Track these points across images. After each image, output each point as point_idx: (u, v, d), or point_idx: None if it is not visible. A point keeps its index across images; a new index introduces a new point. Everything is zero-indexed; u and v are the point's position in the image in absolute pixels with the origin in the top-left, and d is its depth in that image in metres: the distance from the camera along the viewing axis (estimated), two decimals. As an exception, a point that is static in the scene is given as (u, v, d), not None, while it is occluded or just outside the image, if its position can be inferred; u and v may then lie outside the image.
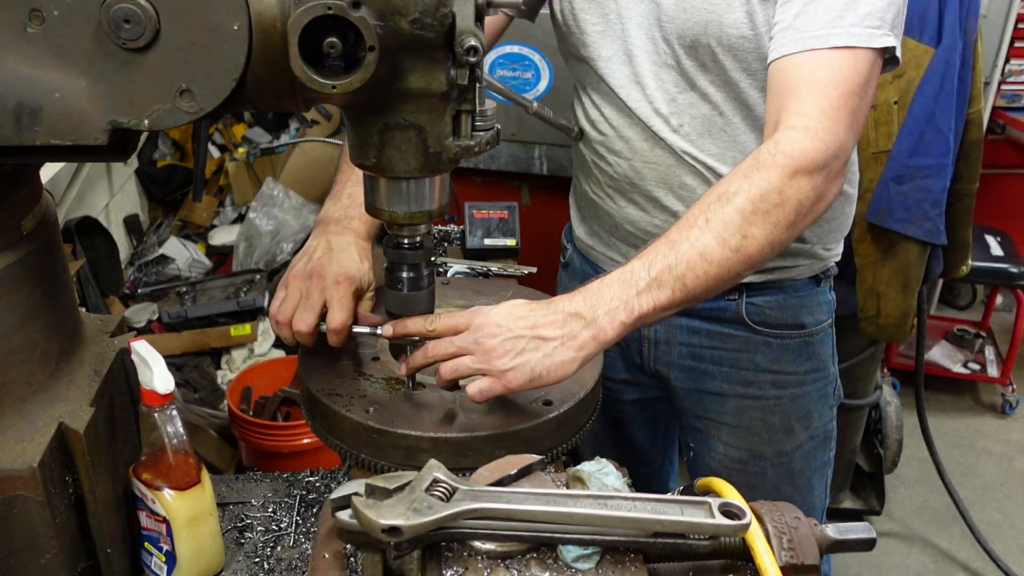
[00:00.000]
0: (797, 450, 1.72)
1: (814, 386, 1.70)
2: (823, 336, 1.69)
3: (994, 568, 3.11)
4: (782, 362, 1.66)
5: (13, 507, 0.95)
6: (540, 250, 3.05)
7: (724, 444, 1.73)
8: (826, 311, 1.69)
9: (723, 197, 1.18)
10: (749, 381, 1.67)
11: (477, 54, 0.92)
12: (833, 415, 1.77)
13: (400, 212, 1.10)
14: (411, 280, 1.17)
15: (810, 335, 1.66)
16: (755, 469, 1.73)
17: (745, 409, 1.69)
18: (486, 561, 0.95)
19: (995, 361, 4.09)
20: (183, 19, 0.84)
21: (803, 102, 1.23)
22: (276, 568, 1.22)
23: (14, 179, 0.98)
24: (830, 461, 1.81)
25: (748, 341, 1.65)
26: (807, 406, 1.70)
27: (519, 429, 1.19)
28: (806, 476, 1.76)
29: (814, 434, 1.73)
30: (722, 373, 1.68)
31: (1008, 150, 4.32)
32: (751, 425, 1.70)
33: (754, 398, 1.68)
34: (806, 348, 1.67)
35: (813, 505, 1.80)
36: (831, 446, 1.79)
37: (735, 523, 0.94)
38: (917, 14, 2.51)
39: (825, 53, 1.23)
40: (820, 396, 1.71)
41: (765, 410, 1.68)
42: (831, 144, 1.21)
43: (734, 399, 1.69)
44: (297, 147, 4.05)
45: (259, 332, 3.31)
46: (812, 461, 1.75)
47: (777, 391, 1.67)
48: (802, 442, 1.72)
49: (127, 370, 1.15)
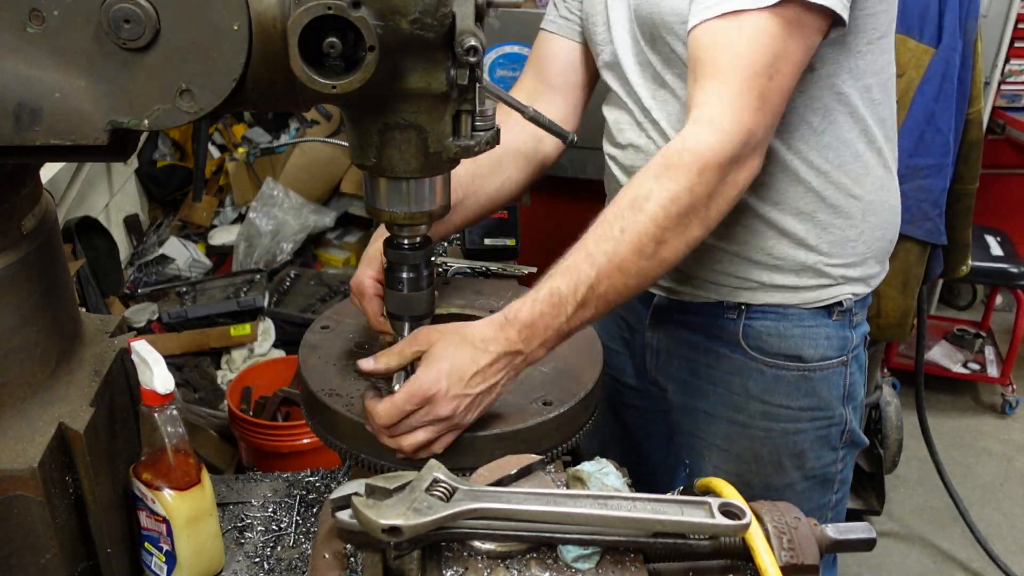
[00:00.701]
0: (788, 488, 1.60)
1: (811, 424, 1.56)
2: (828, 374, 1.53)
3: (994, 568, 3.10)
4: (774, 393, 1.54)
5: (13, 507, 0.95)
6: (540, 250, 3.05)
7: (714, 467, 1.64)
8: (836, 347, 1.52)
9: (635, 203, 1.16)
10: (740, 407, 1.57)
11: (477, 54, 0.92)
12: (839, 458, 1.61)
13: (400, 212, 1.09)
14: (411, 280, 1.17)
15: (810, 370, 1.52)
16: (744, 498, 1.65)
17: (735, 436, 1.60)
18: (486, 561, 0.95)
19: (995, 361, 4.09)
20: (183, 19, 0.84)
21: (705, 88, 1.19)
22: (276, 568, 1.22)
23: (14, 179, 0.98)
24: (831, 504, 1.66)
25: (742, 365, 1.55)
26: (800, 445, 1.57)
27: (519, 429, 1.19)
28: None
29: (808, 474, 1.60)
30: (715, 393, 1.60)
31: (1008, 150, 4.32)
32: (740, 453, 1.60)
33: (743, 425, 1.58)
34: (804, 384, 1.53)
35: None
36: (834, 489, 1.64)
37: (735, 523, 0.94)
38: (917, 14, 2.51)
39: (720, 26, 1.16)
40: (818, 437, 1.57)
41: (754, 440, 1.58)
42: (736, 134, 1.17)
43: (725, 423, 1.60)
44: (297, 147, 4.05)
45: (259, 332, 3.31)
46: (805, 502, 1.60)
47: (767, 422, 1.56)
48: (794, 481, 1.60)
49: (127, 370, 1.15)
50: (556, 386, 1.28)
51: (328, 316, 1.45)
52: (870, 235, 1.51)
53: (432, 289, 1.20)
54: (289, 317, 3.44)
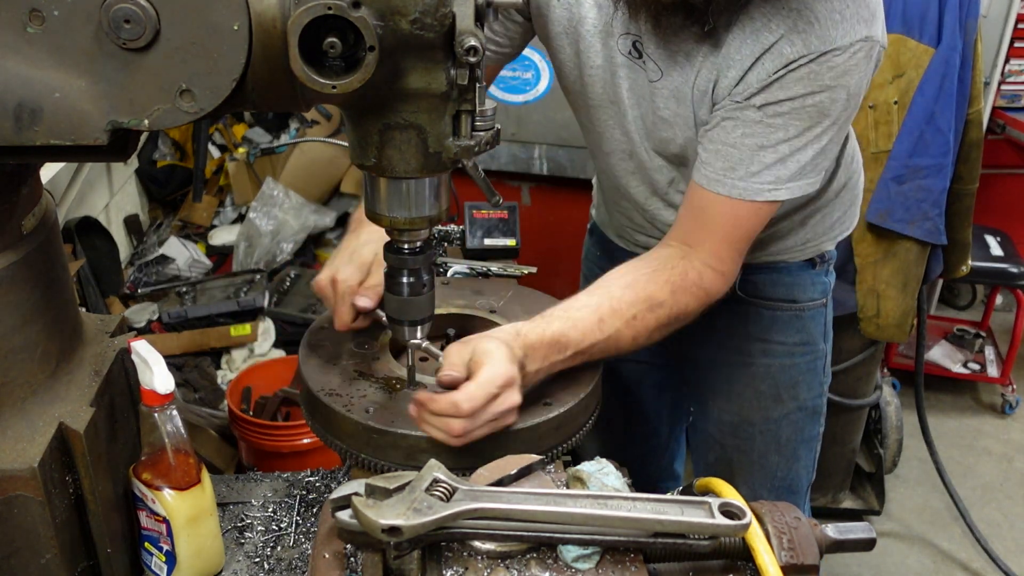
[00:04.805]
0: (784, 419, 1.82)
1: (803, 359, 1.79)
2: (815, 312, 1.78)
3: (994, 568, 3.10)
4: (772, 332, 1.76)
5: (13, 507, 0.95)
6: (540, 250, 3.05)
7: (718, 410, 1.84)
8: (820, 291, 1.78)
9: (651, 304, 1.38)
10: (740, 349, 1.78)
11: (477, 54, 0.92)
12: (822, 391, 1.85)
13: (400, 217, 1.09)
14: (411, 285, 1.17)
15: (802, 309, 1.76)
16: (745, 435, 1.83)
17: (736, 376, 1.80)
18: (486, 561, 0.95)
19: (995, 361, 4.09)
20: (183, 19, 0.84)
21: (720, 245, 1.44)
22: (276, 568, 1.22)
23: (14, 179, 0.98)
24: (818, 437, 1.90)
25: (741, 312, 1.74)
26: (795, 377, 1.79)
27: (519, 429, 1.19)
28: (792, 445, 1.85)
29: (802, 405, 1.82)
30: (716, 341, 1.78)
31: (1008, 150, 4.32)
32: (742, 391, 1.80)
33: (744, 365, 1.78)
34: (796, 321, 1.76)
35: (798, 474, 1.89)
36: (820, 422, 1.88)
37: (735, 523, 0.94)
38: (917, 14, 2.51)
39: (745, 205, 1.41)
40: (809, 369, 1.80)
41: (755, 377, 1.78)
42: (731, 279, 1.48)
43: (726, 367, 1.80)
44: (297, 147, 4.05)
45: (259, 332, 3.31)
46: (800, 432, 1.84)
47: (766, 359, 1.77)
48: (790, 411, 1.81)
49: (127, 370, 1.15)
50: (556, 386, 1.28)
51: (328, 316, 1.45)
52: (845, 202, 1.75)
53: (432, 294, 1.20)
54: (289, 317, 3.44)
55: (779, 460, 1.86)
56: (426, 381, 1.28)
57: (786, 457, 1.86)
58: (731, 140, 1.39)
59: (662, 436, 2.11)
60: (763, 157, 1.38)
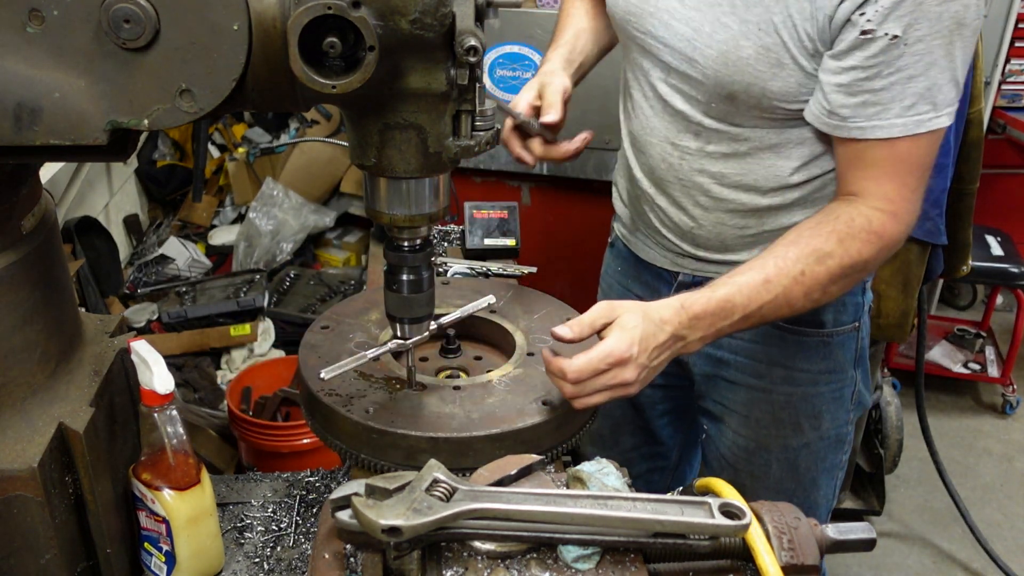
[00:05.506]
0: (804, 448, 1.73)
1: (828, 387, 1.69)
2: (844, 338, 1.67)
3: (994, 568, 3.10)
4: (796, 359, 1.67)
5: (13, 507, 0.95)
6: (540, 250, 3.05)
7: (733, 432, 1.76)
8: (851, 312, 1.66)
9: (819, 256, 1.33)
10: (761, 374, 1.69)
11: (477, 54, 0.92)
12: (849, 419, 1.75)
13: (400, 215, 1.09)
14: (411, 283, 1.17)
15: (829, 335, 1.66)
16: (760, 461, 1.76)
17: (755, 401, 1.71)
18: (486, 561, 0.95)
19: (995, 361, 4.08)
20: (183, 19, 0.84)
21: (885, 186, 1.36)
22: (276, 568, 1.22)
23: (14, 179, 0.98)
24: (842, 464, 1.80)
25: (765, 333, 1.66)
26: (818, 406, 1.70)
27: (519, 429, 1.19)
28: (812, 474, 1.77)
29: (824, 435, 1.73)
30: (737, 362, 1.70)
31: (1008, 150, 4.31)
32: (760, 417, 1.72)
33: (764, 391, 1.70)
34: (823, 348, 1.66)
35: (816, 503, 1.80)
36: (844, 449, 1.78)
37: (735, 523, 0.94)
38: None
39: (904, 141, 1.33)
40: (834, 398, 1.70)
41: (775, 404, 1.70)
42: (911, 222, 1.38)
43: (745, 389, 1.71)
44: (297, 147, 4.05)
45: (259, 332, 3.31)
46: (820, 461, 1.75)
47: (788, 387, 1.68)
48: (810, 440, 1.72)
49: (127, 370, 1.15)
50: (556, 386, 1.28)
51: (328, 316, 1.45)
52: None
53: (432, 291, 1.20)
54: (289, 317, 3.44)
55: (796, 487, 1.77)
56: (426, 381, 1.28)
57: (803, 485, 1.77)
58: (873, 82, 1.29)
59: (671, 459, 2.04)
60: (913, 87, 1.29)
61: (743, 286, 1.31)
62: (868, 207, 1.35)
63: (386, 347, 1.27)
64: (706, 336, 1.31)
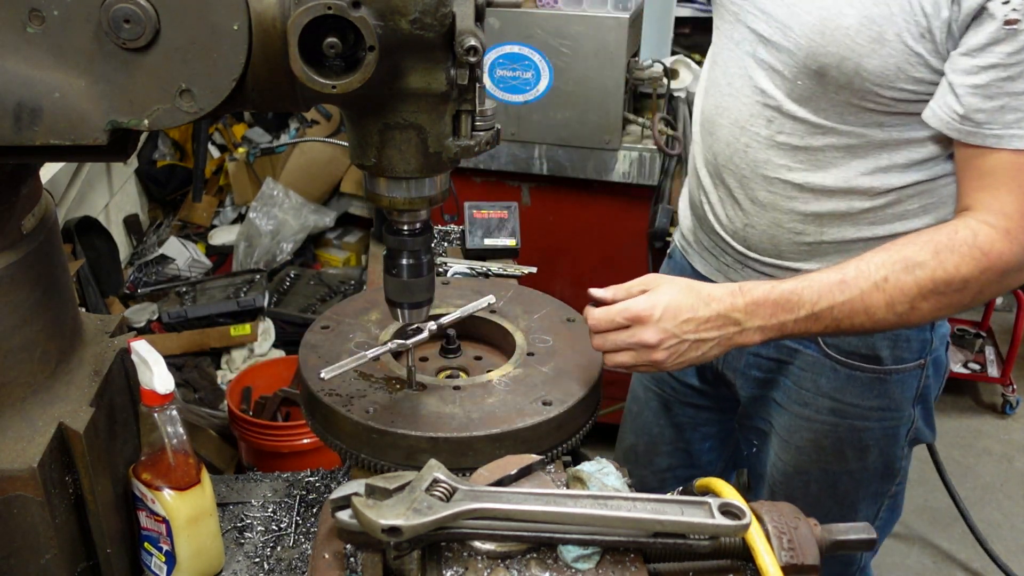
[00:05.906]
0: (845, 473, 1.61)
1: (879, 424, 1.56)
2: (903, 377, 1.53)
3: (994, 568, 3.10)
4: (845, 392, 1.54)
5: (13, 507, 0.95)
6: (540, 250, 3.05)
7: (774, 454, 1.67)
8: (915, 349, 1.52)
9: (908, 265, 1.21)
10: (807, 402, 1.58)
11: (477, 54, 0.92)
12: (904, 454, 1.62)
13: (400, 198, 1.09)
14: (410, 267, 1.17)
15: (886, 373, 1.52)
16: (798, 483, 1.66)
17: (797, 427, 1.61)
18: (486, 561, 0.95)
19: (995, 361, 4.08)
20: (183, 19, 0.84)
21: (1002, 200, 1.22)
22: (276, 568, 1.22)
23: (14, 179, 0.98)
24: (891, 493, 1.66)
25: (815, 362, 1.55)
26: (866, 440, 1.58)
27: (519, 429, 1.19)
28: (851, 498, 1.65)
29: (869, 465, 1.61)
30: (783, 387, 1.61)
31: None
32: (801, 444, 1.62)
33: (808, 419, 1.59)
34: (877, 385, 1.53)
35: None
36: (894, 481, 1.65)
37: (735, 523, 0.94)
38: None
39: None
40: (886, 435, 1.58)
41: (818, 433, 1.58)
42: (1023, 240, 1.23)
43: (788, 415, 1.62)
44: (297, 147, 4.05)
45: (259, 332, 3.31)
46: (863, 487, 1.63)
47: (834, 418, 1.57)
48: (853, 469, 1.61)
49: (127, 370, 1.15)
50: (556, 386, 1.28)
51: (328, 316, 1.45)
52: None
53: (432, 276, 1.20)
54: (289, 317, 3.44)
55: (833, 507, 1.64)
56: (426, 381, 1.28)
57: (843, 506, 1.64)
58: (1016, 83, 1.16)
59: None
60: None
61: (814, 281, 1.23)
62: (977, 220, 1.22)
63: (386, 347, 1.27)
64: (766, 327, 1.23)
